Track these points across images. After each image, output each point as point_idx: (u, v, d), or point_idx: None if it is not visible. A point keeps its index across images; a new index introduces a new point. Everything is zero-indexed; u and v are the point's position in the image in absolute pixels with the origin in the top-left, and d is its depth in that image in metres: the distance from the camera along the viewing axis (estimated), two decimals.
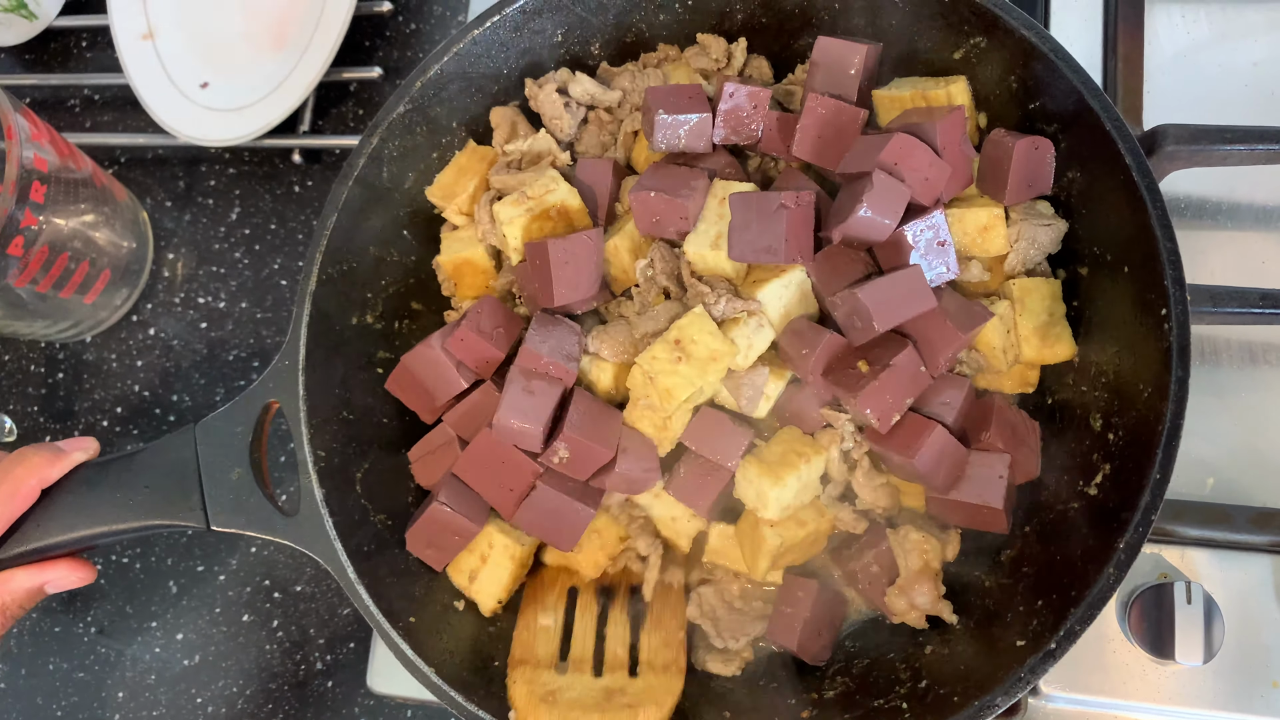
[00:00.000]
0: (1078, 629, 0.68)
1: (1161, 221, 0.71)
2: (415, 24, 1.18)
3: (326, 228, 0.81)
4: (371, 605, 0.76)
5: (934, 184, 0.75)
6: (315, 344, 0.80)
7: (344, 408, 0.83)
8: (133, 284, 1.12)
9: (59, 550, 0.79)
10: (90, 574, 0.81)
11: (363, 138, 0.83)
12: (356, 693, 0.99)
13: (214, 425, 0.80)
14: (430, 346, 0.81)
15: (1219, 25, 0.99)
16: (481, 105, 0.90)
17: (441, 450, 0.83)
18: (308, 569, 1.03)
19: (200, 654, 1.03)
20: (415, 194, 0.89)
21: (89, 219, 1.04)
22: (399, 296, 0.90)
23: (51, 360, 1.14)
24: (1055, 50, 0.76)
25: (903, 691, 0.75)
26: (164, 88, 1.12)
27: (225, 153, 1.17)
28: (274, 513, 0.78)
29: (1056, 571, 0.73)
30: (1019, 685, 0.68)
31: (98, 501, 0.79)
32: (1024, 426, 0.79)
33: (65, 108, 1.23)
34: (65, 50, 1.25)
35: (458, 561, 0.83)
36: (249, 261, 1.13)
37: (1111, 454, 0.74)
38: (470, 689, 0.75)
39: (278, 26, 1.12)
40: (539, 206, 0.81)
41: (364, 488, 0.82)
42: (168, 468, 0.79)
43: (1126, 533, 0.68)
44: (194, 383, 1.10)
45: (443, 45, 0.84)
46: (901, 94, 0.82)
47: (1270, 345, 0.90)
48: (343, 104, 1.16)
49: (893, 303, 0.72)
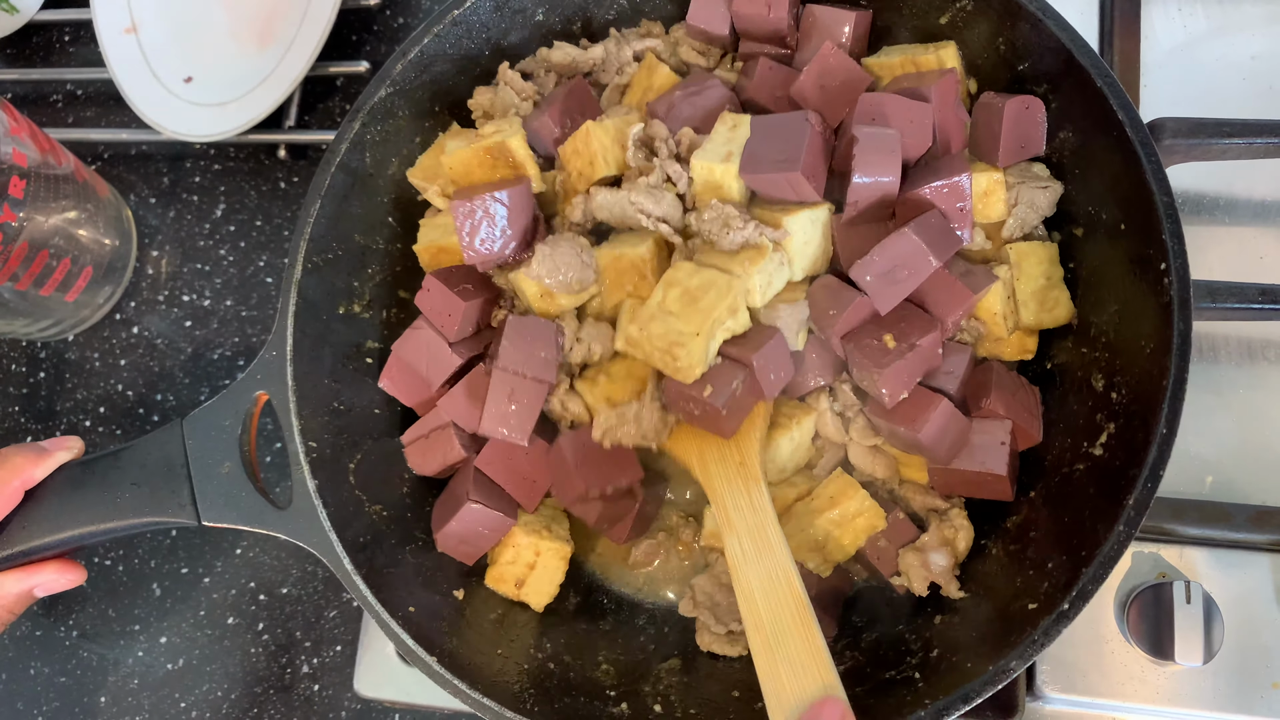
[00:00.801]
0: (1090, 588, 0.67)
1: (1157, 175, 0.70)
2: (402, 18, 1.17)
3: (310, 215, 0.80)
4: (370, 596, 0.74)
5: (920, 127, 0.74)
6: (303, 334, 0.79)
7: (334, 398, 0.82)
8: (116, 281, 1.10)
9: (47, 552, 0.78)
10: (80, 575, 0.80)
11: (344, 123, 0.82)
12: (343, 696, 0.98)
13: (202, 419, 0.79)
14: (419, 328, 0.81)
15: (1216, 19, 0.98)
16: (464, 87, 0.89)
17: (436, 435, 0.82)
18: (294, 571, 1.02)
19: (184, 658, 1.01)
20: (399, 179, 0.88)
21: (71, 215, 1.02)
22: (386, 285, 0.89)
23: (33, 359, 1.12)
24: (1042, 8, 0.75)
25: (914, 662, 0.75)
26: (147, 82, 1.10)
27: (210, 148, 1.15)
28: (266, 506, 0.77)
29: (1065, 533, 0.72)
30: (1033, 648, 0.67)
31: (84, 501, 0.77)
32: (1024, 391, 0.78)
33: (47, 103, 1.21)
34: (47, 44, 1.23)
35: (500, 573, 0.83)
36: (234, 258, 1.12)
37: (1115, 413, 0.73)
38: (473, 676, 0.74)
39: (263, 20, 1.11)
40: (480, 144, 0.79)
41: (357, 479, 0.81)
42: (156, 464, 0.78)
43: (1135, 490, 0.67)
44: (179, 382, 1.09)
45: (423, 27, 0.83)
46: (891, 60, 0.81)
47: (1269, 342, 0.89)
48: (329, 99, 1.14)
49: (906, 264, 0.71)
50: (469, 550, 0.81)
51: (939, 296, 0.74)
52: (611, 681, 0.81)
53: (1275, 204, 0.92)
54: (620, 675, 0.81)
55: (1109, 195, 0.76)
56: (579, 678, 0.80)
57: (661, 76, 0.85)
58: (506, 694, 0.74)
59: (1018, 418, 0.76)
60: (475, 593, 0.83)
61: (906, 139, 0.74)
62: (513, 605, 0.85)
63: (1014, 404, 0.76)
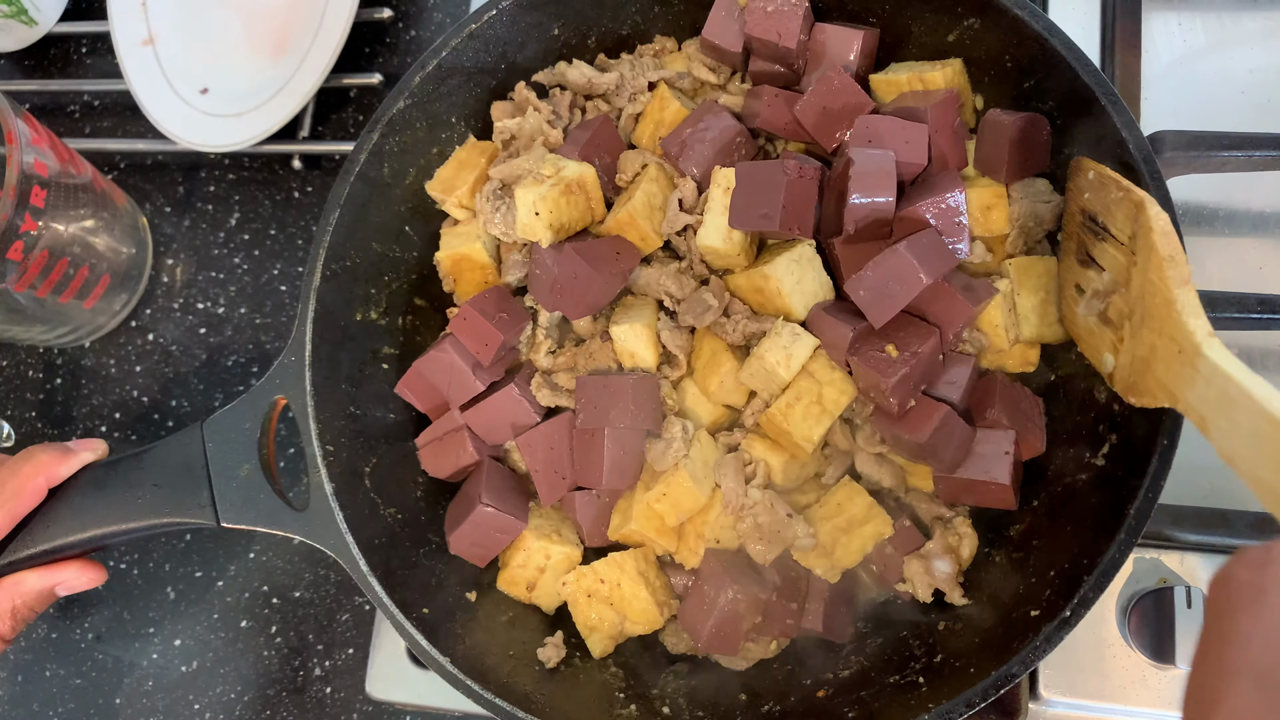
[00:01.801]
0: (1092, 596, 0.68)
1: (1160, 195, 0.70)
2: (415, 30, 1.18)
3: (329, 223, 0.81)
4: (385, 597, 0.76)
5: (915, 147, 0.76)
6: (320, 339, 0.81)
7: (350, 403, 0.83)
8: (132, 289, 1.12)
9: (69, 551, 0.79)
10: (101, 575, 0.81)
11: (363, 133, 0.83)
12: (355, 699, 0.99)
13: (222, 422, 0.80)
14: (445, 351, 0.82)
15: (1215, 33, 0.99)
16: (481, 100, 0.90)
17: (450, 438, 0.84)
18: (306, 575, 1.03)
19: (198, 660, 1.02)
20: (416, 189, 0.89)
21: (88, 224, 1.04)
22: (403, 292, 0.90)
23: (50, 366, 1.14)
24: (1048, 28, 0.76)
25: (918, 667, 0.76)
26: (164, 93, 1.12)
27: (225, 158, 1.17)
28: (284, 508, 0.78)
29: (1068, 542, 0.73)
30: (1035, 654, 0.68)
31: (106, 501, 0.79)
32: (1027, 402, 0.79)
33: (65, 113, 1.23)
34: (65, 56, 1.25)
35: (512, 576, 0.84)
36: (248, 267, 1.13)
37: (1118, 424, 0.74)
38: (485, 677, 0.75)
39: (278, 32, 1.12)
40: (560, 182, 0.80)
41: (372, 482, 0.82)
42: (176, 465, 0.79)
43: (1137, 499, 0.69)
44: (193, 388, 1.10)
45: (441, 40, 0.85)
46: (899, 77, 0.83)
47: (1269, 351, 0.90)
48: (343, 110, 1.16)
49: (898, 279, 0.73)
50: (481, 553, 0.83)
51: (940, 309, 0.75)
52: (620, 684, 0.82)
53: (1274, 215, 0.93)
54: (629, 677, 0.82)
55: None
56: (588, 680, 0.82)
57: (672, 112, 0.87)
58: (518, 695, 0.75)
59: (1021, 428, 0.77)
60: (488, 595, 0.85)
61: (902, 159, 0.75)
62: (525, 608, 0.86)
63: (1017, 414, 0.77)
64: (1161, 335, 0.65)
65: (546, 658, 0.82)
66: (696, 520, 0.81)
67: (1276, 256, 0.92)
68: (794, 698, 0.78)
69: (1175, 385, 0.64)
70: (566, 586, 0.83)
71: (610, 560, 0.81)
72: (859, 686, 0.77)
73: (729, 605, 0.76)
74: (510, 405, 0.83)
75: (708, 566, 0.79)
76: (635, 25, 0.92)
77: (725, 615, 0.77)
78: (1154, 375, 0.67)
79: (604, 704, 0.79)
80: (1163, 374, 0.65)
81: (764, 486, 0.79)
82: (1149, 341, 0.67)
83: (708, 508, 0.80)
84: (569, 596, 0.83)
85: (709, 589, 0.78)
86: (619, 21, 0.91)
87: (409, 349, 0.90)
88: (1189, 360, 0.62)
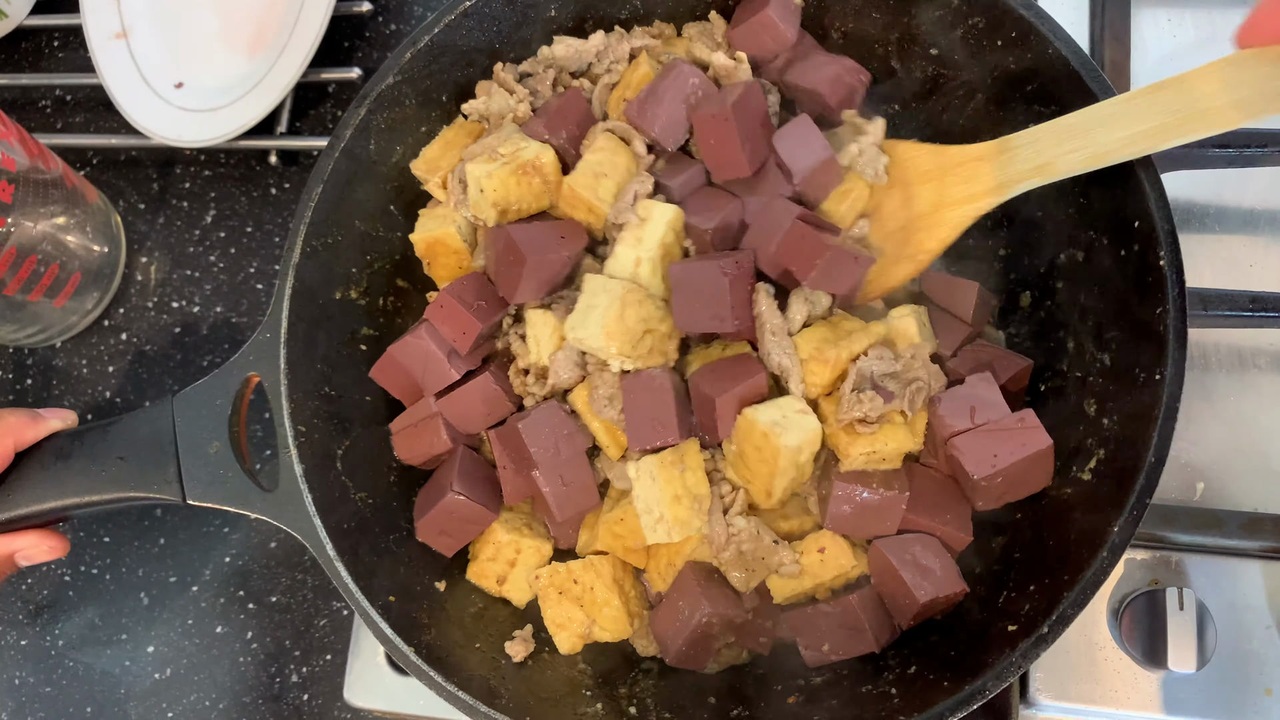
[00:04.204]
0: (1070, 613, 0.67)
1: (1160, 205, 0.70)
2: (395, 25, 1.16)
3: (311, 199, 0.79)
4: (350, 582, 0.74)
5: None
6: (298, 317, 0.79)
7: (325, 383, 0.81)
8: (104, 288, 1.10)
9: (28, 522, 0.77)
10: (63, 546, 0.79)
11: (350, 108, 0.81)
12: (333, 706, 0.97)
13: (192, 397, 0.78)
14: (420, 338, 0.80)
15: (1204, 29, 0.99)
16: (472, 79, 0.88)
17: (424, 424, 0.82)
18: (283, 580, 1.01)
19: (172, 667, 1.00)
20: (402, 169, 0.87)
21: (59, 221, 1.01)
22: (384, 273, 0.88)
23: (19, 366, 1.11)
24: (1053, 30, 0.76)
25: (891, 678, 0.74)
26: (137, 88, 1.09)
27: (200, 154, 1.15)
28: (252, 488, 0.76)
29: (1049, 557, 0.72)
30: (1010, 670, 0.67)
31: (69, 472, 0.77)
32: (945, 495, 0.77)
33: (36, 108, 1.20)
34: (36, 49, 1.23)
35: (482, 569, 0.83)
36: (224, 265, 1.11)
37: (1106, 439, 0.73)
38: (449, 668, 0.73)
39: (255, 26, 1.10)
40: (513, 161, 0.78)
41: (344, 465, 0.80)
42: (144, 439, 0.77)
43: (1121, 516, 0.67)
44: (167, 388, 1.08)
45: (434, 17, 0.83)
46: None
47: (1259, 349, 0.89)
48: (321, 105, 1.14)
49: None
50: (449, 541, 0.81)
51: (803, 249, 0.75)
52: (588, 681, 0.80)
53: (1264, 213, 0.93)
54: (597, 675, 0.81)
55: (1110, 221, 0.76)
56: (555, 676, 0.80)
57: (640, 75, 0.85)
58: (482, 688, 0.73)
59: (938, 519, 0.76)
60: (457, 585, 0.83)
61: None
62: (494, 600, 0.84)
63: (934, 507, 0.76)
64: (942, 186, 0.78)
65: (514, 651, 0.80)
66: (669, 547, 0.79)
67: (1268, 254, 0.92)
68: (764, 703, 0.77)
69: (980, 186, 0.76)
70: (539, 580, 0.81)
71: (587, 563, 0.80)
72: (830, 695, 0.76)
73: (701, 626, 0.75)
74: (485, 395, 0.81)
75: (684, 578, 0.77)
76: (634, 9, 0.90)
77: (697, 635, 0.75)
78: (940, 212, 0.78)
79: (570, 700, 0.77)
80: (958, 192, 0.77)
81: (745, 513, 0.77)
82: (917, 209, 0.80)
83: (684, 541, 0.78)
84: (540, 590, 0.81)
85: (683, 605, 0.76)
86: (617, 5, 0.89)
87: (389, 331, 0.88)
88: (990, 159, 0.76)
